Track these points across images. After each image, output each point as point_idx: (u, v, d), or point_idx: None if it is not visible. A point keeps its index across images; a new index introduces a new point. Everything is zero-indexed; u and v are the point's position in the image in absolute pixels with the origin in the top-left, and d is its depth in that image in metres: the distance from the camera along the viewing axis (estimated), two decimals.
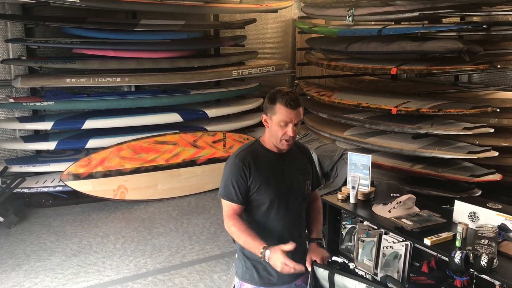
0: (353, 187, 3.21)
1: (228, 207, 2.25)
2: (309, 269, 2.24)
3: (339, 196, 3.26)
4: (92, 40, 5.92)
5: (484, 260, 2.24)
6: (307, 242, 2.37)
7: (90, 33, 5.89)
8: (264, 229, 2.27)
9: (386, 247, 2.80)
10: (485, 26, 4.81)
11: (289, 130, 2.19)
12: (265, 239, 2.18)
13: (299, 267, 2.04)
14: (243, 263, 2.34)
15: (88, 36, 5.89)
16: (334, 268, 2.19)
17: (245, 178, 2.22)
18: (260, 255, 2.09)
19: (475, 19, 5.76)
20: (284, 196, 2.27)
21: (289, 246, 2.06)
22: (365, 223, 3.03)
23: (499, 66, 4.96)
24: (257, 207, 2.26)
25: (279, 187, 2.26)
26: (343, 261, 2.27)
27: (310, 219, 2.47)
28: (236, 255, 2.43)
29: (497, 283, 2.26)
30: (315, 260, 2.24)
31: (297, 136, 4.90)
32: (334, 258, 2.33)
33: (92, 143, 5.86)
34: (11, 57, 6.00)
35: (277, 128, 2.21)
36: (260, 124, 1.86)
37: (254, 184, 2.22)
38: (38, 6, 5.68)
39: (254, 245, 2.13)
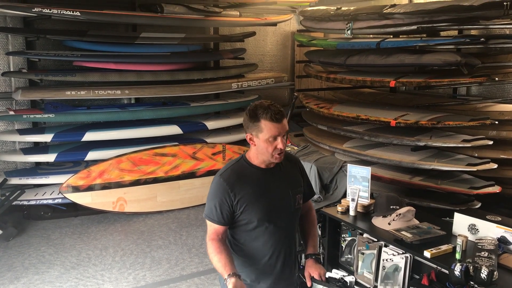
0: (352, 199, 3.21)
1: (211, 227, 2.19)
2: (309, 284, 2.23)
3: (339, 208, 3.26)
4: (92, 52, 5.95)
5: (484, 273, 2.23)
6: (303, 257, 2.34)
7: (90, 46, 5.92)
8: (253, 249, 2.22)
9: (386, 260, 2.80)
10: (482, 39, 4.85)
11: (279, 143, 2.13)
12: (255, 259, 2.15)
13: None
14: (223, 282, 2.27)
15: (89, 49, 5.93)
16: (333, 285, 2.19)
17: (229, 200, 2.14)
18: (225, 281, 2.04)
19: (473, 32, 5.81)
20: (273, 214, 2.20)
21: None
22: (365, 235, 3.03)
23: (497, 78, 5.00)
24: (245, 226, 2.19)
25: (267, 205, 2.19)
26: (341, 277, 2.25)
27: (305, 232, 2.43)
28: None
29: None
30: (313, 277, 2.23)
31: (296, 148, 4.93)
32: (334, 271, 2.30)
33: (91, 155, 5.87)
34: (11, 69, 6.03)
35: (266, 145, 2.13)
36: None
37: (240, 204, 2.15)
38: (39, 19, 5.72)
39: (221, 269, 2.07)
